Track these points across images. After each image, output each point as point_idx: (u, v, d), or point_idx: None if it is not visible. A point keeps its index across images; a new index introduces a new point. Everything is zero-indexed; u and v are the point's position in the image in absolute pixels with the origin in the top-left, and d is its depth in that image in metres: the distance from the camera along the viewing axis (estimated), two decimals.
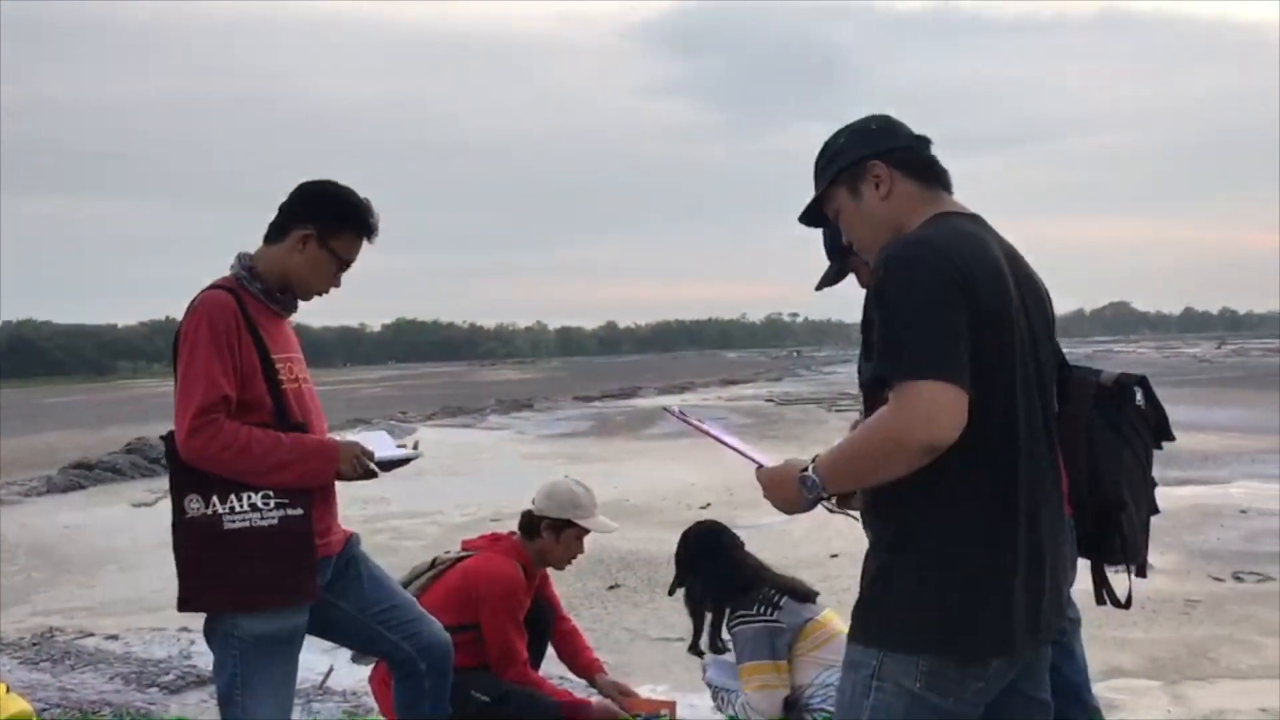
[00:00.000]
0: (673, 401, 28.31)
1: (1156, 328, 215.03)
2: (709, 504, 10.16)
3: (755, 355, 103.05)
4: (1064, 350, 2.30)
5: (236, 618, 2.74)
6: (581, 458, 15.24)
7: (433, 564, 4.02)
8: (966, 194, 2.22)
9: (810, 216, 2.31)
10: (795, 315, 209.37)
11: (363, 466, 2.86)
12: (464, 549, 4.05)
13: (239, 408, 2.73)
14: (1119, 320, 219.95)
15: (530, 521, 3.97)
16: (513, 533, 4.04)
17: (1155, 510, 2.78)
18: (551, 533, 3.93)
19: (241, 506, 2.70)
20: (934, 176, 2.18)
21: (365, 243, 2.96)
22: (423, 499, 11.58)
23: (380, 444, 3.00)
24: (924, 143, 2.21)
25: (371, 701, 4.28)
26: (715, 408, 25.21)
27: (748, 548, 3.92)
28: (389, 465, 3.00)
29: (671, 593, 3.94)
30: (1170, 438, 2.81)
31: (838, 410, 22.07)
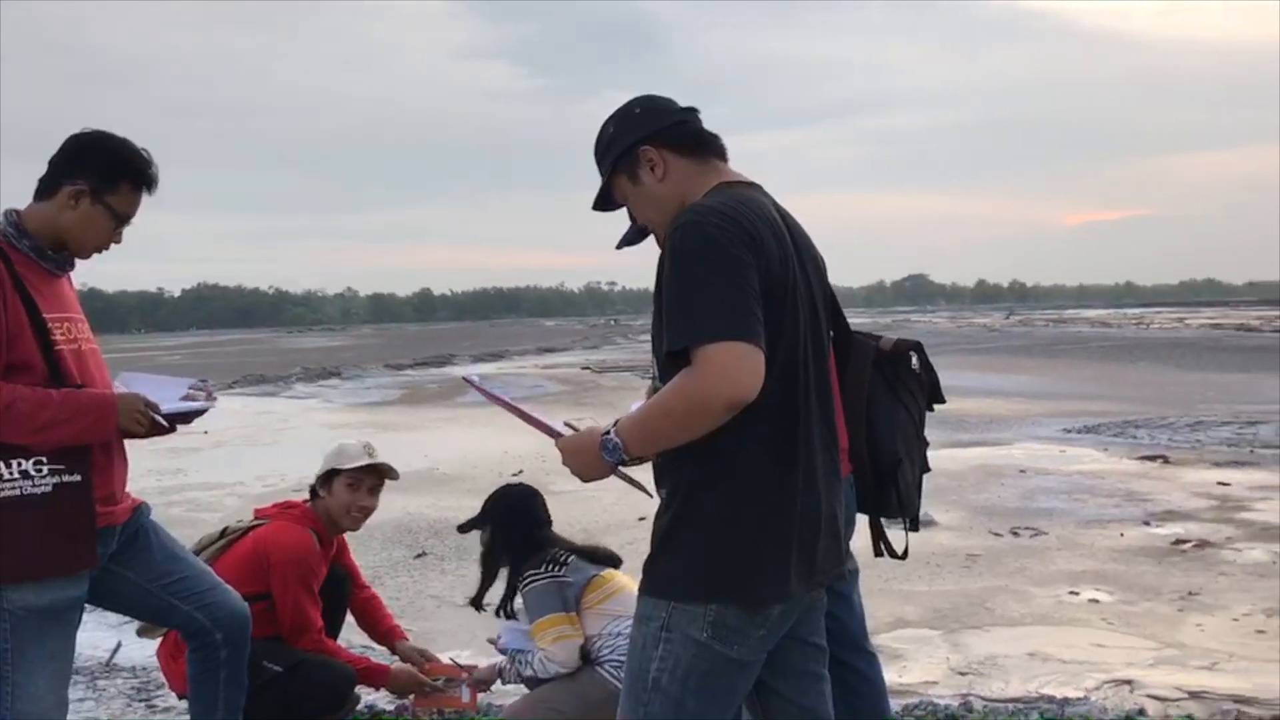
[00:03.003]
0: (488, 370, 28.07)
1: (952, 299, 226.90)
2: (521, 471, 10.16)
3: (573, 323, 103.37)
4: (865, 320, 2.41)
5: (6, 589, 2.60)
6: (391, 426, 14.99)
7: (223, 533, 3.91)
8: (770, 170, 2.29)
9: (602, 202, 2.36)
10: (614, 284, 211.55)
11: (147, 420, 2.73)
12: (256, 517, 3.96)
13: (9, 370, 2.58)
14: (918, 291, 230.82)
15: (312, 487, 3.95)
16: (305, 500, 3.97)
17: (926, 468, 2.95)
18: (324, 488, 3.90)
19: (11, 474, 2.56)
20: (705, 148, 2.24)
21: (145, 195, 2.81)
22: (221, 469, 11.17)
23: (164, 393, 2.85)
24: (693, 115, 2.27)
25: (161, 677, 4.13)
26: (531, 376, 25.17)
27: (560, 512, 3.96)
28: (179, 418, 2.85)
29: (463, 530, 3.93)
30: (941, 400, 2.99)
31: (652, 377, 22.29)
